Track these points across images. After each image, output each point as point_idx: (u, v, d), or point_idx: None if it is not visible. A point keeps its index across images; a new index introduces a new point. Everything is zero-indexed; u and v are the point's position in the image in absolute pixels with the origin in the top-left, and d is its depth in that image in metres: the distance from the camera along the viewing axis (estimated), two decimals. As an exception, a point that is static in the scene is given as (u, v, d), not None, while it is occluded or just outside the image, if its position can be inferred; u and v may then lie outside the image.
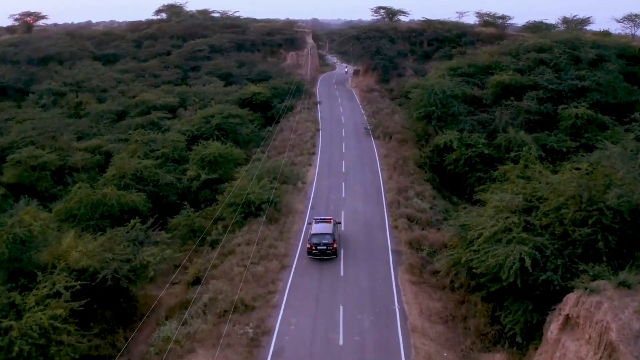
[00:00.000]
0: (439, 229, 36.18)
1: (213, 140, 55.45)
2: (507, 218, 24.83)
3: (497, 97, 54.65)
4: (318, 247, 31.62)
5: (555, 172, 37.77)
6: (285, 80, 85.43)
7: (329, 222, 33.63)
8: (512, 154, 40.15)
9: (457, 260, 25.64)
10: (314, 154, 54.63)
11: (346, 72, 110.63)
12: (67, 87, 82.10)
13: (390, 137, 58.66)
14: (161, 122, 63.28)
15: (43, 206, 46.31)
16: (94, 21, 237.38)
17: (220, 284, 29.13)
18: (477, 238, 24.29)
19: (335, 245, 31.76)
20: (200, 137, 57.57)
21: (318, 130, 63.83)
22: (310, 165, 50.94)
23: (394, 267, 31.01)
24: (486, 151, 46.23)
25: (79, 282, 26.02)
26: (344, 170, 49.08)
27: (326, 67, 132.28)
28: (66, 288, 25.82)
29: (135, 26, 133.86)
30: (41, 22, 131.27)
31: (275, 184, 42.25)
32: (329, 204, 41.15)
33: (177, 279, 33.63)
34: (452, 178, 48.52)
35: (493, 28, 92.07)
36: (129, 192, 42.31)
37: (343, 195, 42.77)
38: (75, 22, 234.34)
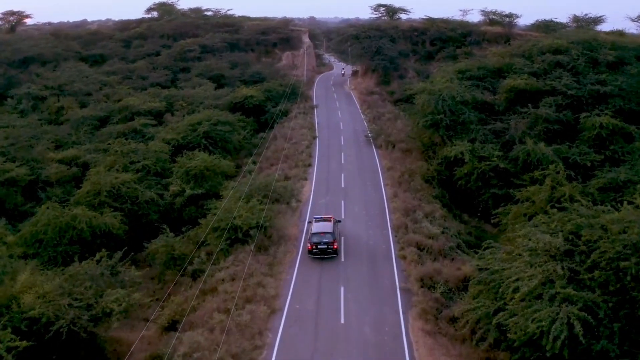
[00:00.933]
0: (453, 259, 31.53)
1: (200, 150, 50.86)
2: (546, 265, 20.12)
3: (511, 103, 50.03)
4: (318, 247, 31.43)
5: (583, 193, 33.43)
6: (279, 83, 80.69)
7: (329, 220, 33.33)
8: (537, 173, 35.54)
9: (483, 316, 20.93)
10: (310, 165, 49.90)
11: (343, 75, 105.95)
12: (48, 90, 77.13)
13: (394, 146, 53.97)
14: (145, 130, 58.41)
15: (12, 225, 41.84)
16: (89, 19, 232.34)
17: (197, 335, 24.37)
18: (512, 292, 19.51)
19: (335, 245, 31.57)
20: (187, 146, 52.95)
21: (315, 138, 59.05)
22: (305, 179, 46.19)
23: (403, 312, 26.27)
24: (502, 165, 41.61)
25: (30, 335, 21.74)
26: (343, 186, 44.37)
27: (323, 68, 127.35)
28: (8, 350, 21.39)
29: (124, 25, 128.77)
30: (32, 22, 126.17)
31: (266, 204, 37.50)
32: (326, 228, 36.49)
33: (155, 314, 28.98)
34: (463, 194, 43.91)
35: (499, 27, 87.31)
36: (103, 211, 37.83)
37: (343, 216, 38.03)
38: (71, 20, 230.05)
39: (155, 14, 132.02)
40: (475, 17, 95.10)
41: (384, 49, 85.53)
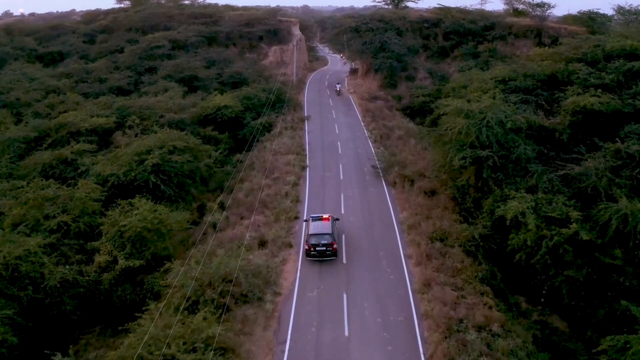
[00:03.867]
0: None
1: (143, 195, 36.71)
2: None
3: (577, 129, 35.67)
4: (317, 248, 29.75)
5: None
6: (263, 88, 65.85)
7: (327, 219, 31.39)
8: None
9: None
10: (296, 218, 35.45)
11: (341, 60, 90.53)
12: (-24, 102, 62.05)
13: (412, 183, 39.72)
14: (79, 161, 43.57)
15: None
16: (77, 9, 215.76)
17: None
18: None
19: (335, 246, 29.87)
20: (130, 186, 38.68)
21: (304, 168, 44.53)
22: (290, 246, 31.72)
23: None
24: (585, 236, 27.27)
25: None
26: (345, 262, 29.99)
27: (317, 63, 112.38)
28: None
29: (91, 16, 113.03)
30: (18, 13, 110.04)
31: (222, 313, 23.25)
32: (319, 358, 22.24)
33: None
34: (519, 268, 29.69)
35: (528, 18, 72.55)
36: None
37: (346, 332, 23.70)
38: (61, 10, 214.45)
39: (128, 2, 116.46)
40: (496, 6, 79.64)
41: (389, 45, 70.79)
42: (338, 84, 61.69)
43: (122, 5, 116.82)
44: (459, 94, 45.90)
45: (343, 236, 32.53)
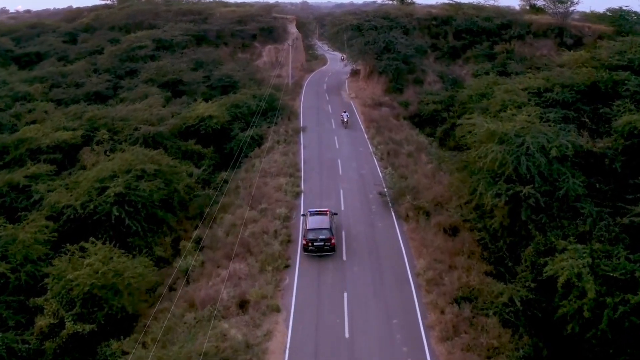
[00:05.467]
0: None
1: (105, 232, 30.51)
2: None
3: (633, 155, 28.88)
4: (315, 244, 28.73)
5: None
6: (253, 93, 58.94)
7: (325, 214, 30.63)
8: None
9: None
10: (287, 267, 28.66)
11: (342, 62, 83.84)
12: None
13: (427, 216, 32.97)
14: (32, 188, 36.60)
15: None
16: (74, 5, 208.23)
17: None
18: None
19: (333, 241, 28.93)
20: (87, 221, 32.19)
21: (298, 195, 37.69)
22: (277, 313, 24.89)
23: None
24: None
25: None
26: (347, 336, 23.16)
27: (315, 63, 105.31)
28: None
29: (74, 14, 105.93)
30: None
31: None
32: None
33: None
34: (570, 341, 22.90)
35: (548, 16, 65.49)
36: None
37: None
38: (59, 7, 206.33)
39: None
40: (508, 1, 72.36)
41: (395, 44, 63.79)
42: (345, 112, 54.58)
43: (108, 2, 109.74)
44: (479, 105, 39.09)
45: (345, 294, 25.78)
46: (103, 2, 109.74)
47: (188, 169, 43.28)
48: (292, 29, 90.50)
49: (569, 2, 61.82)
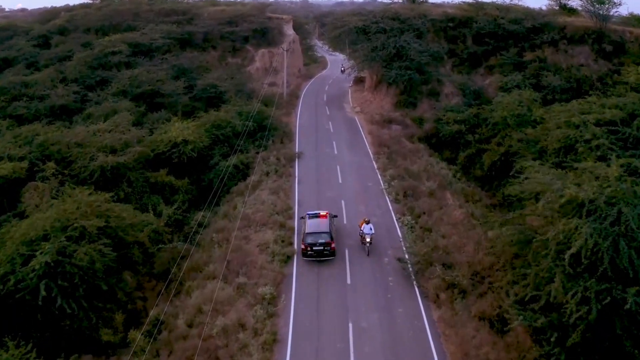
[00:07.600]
0: None
1: (31, 315, 21.83)
2: None
3: None
4: (314, 248, 27.54)
5: None
6: (239, 110, 49.78)
7: (325, 217, 29.22)
8: None
9: None
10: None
11: (343, 72, 75.50)
12: None
13: (463, 296, 23.92)
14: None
15: None
16: (71, 4, 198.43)
17: None
18: None
19: (333, 245, 27.64)
20: (9, 299, 23.77)
21: (289, 260, 28.47)
22: None
23: None
24: None
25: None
26: None
27: (314, 67, 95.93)
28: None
29: (50, 14, 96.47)
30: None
31: None
32: None
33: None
34: None
35: (583, 18, 56.20)
36: None
37: None
38: (56, 5, 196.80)
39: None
40: (533, 2, 63.01)
41: (408, 50, 54.52)
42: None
43: (89, 1, 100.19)
44: (526, 138, 29.87)
45: None
46: (84, 1, 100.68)
47: (158, 207, 34.96)
48: (289, 30, 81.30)
49: (610, 2, 52.38)
